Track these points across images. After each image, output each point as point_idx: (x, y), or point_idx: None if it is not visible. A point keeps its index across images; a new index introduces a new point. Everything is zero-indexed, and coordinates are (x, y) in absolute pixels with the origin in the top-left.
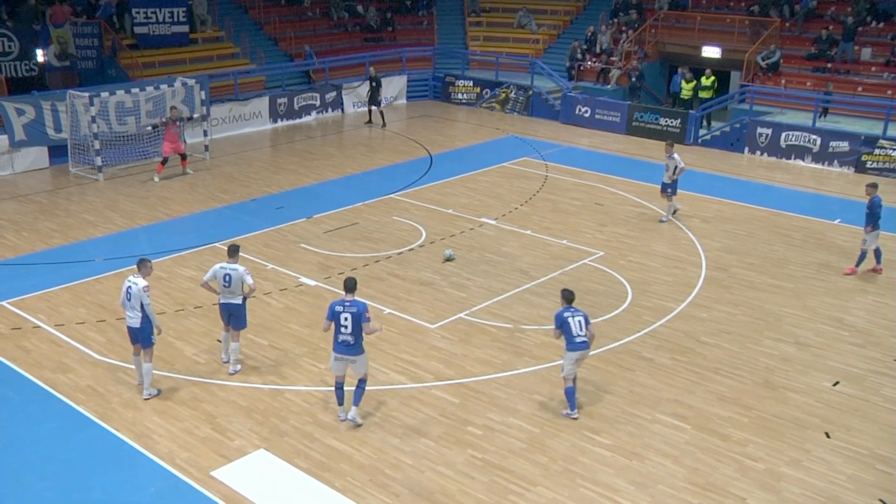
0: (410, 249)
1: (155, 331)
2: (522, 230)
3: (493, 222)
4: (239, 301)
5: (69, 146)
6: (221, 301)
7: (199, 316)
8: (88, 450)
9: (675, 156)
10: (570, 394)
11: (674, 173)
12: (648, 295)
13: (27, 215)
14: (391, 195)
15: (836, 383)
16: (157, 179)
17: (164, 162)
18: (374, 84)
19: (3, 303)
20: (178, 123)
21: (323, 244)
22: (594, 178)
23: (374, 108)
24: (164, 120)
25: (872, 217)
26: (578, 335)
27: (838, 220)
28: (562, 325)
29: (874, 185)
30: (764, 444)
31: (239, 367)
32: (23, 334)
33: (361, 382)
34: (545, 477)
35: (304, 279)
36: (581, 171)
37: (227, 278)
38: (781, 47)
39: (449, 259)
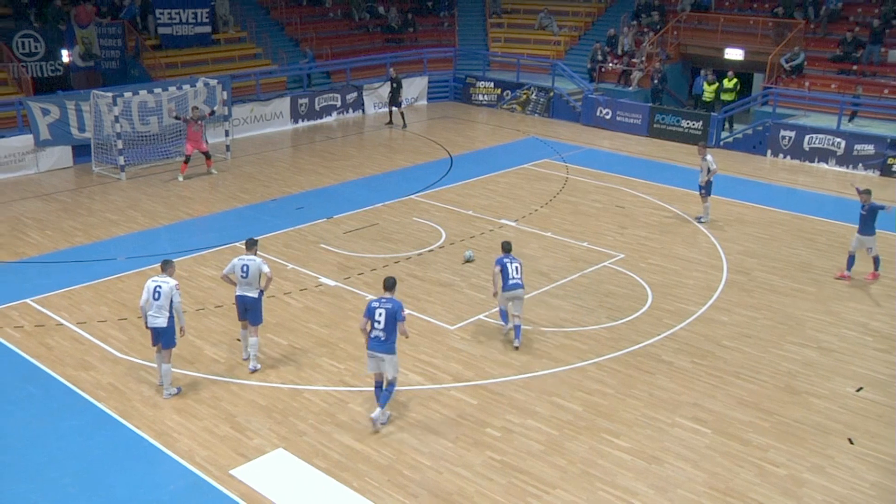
0: (430, 250)
1: (178, 331)
2: (543, 232)
3: (513, 224)
4: (255, 295)
5: (92, 145)
6: (238, 293)
7: (220, 315)
8: (110, 447)
9: (708, 157)
10: (502, 314)
11: (707, 174)
12: (669, 298)
13: (51, 214)
14: (411, 196)
15: (860, 389)
16: (181, 179)
17: (187, 160)
18: (394, 85)
19: (27, 300)
20: (199, 123)
21: (342, 245)
22: (615, 180)
23: (394, 108)
24: (186, 118)
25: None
26: (514, 278)
27: None
28: (502, 268)
29: (869, 192)
30: (785, 450)
31: (259, 365)
32: (46, 332)
33: (390, 385)
34: (563, 479)
35: (323, 279)
36: (602, 174)
37: (245, 269)
38: (805, 49)
39: (469, 260)
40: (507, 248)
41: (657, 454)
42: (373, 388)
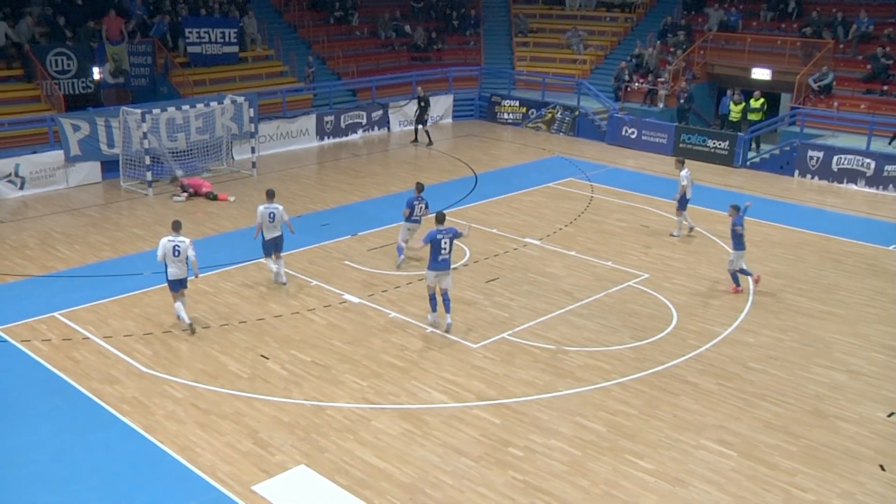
0: (454, 268)
1: (195, 277)
2: (566, 251)
3: (538, 242)
4: (280, 233)
5: (121, 161)
6: (267, 237)
7: (244, 331)
8: (133, 461)
9: (683, 172)
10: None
11: (681, 189)
12: (694, 318)
13: (79, 228)
14: (433, 214)
15: (892, 414)
16: (177, 199)
17: (184, 189)
18: (422, 104)
19: (55, 314)
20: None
21: (367, 261)
22: (640, 199)
23: (420, 126)
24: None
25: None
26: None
27: (893, 245)
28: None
29: (737, 207)
30: (814, 475)
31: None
32: (72, 345)
33: (447, 293)
34: (586, 501)
35: (347, 296)
36: (626, 193)
37: (272, 215)
38: (834, 69)
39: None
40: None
41: (681, 477)
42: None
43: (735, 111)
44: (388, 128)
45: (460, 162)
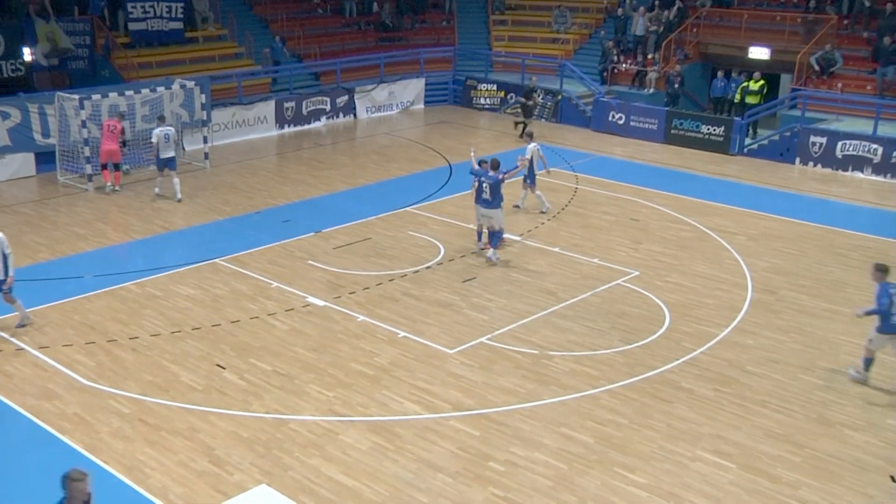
0: (427, 267)
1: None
2: (550, 247)
3: (518, 238)
4: (174, 154)
5: (57, 153)
6: (163, 156)
7: (198, 338)
8: None
9: (530, 146)
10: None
11: (525, 161)
12: (688, 319)
13: (11, 228)
14: (407, 208)
15: None
16: (114, 188)
17: (105, 168)
18: (529, 96)
19: None
20: (116, 127)
21: (332, 261)
22: (629, 190)
23: (526, 122)
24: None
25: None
26: (485, 196)
27: None
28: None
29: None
30: (819, 488)
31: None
32: (4, 357)
33: (499, 233)
34: None
35: (311, 299)
36: (614, 184)
37: (167, 137)
38: (838, 47)
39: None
40: (494, 165)
41: (676, 491)
42: None
43: (739, 92)
44: (355, 114)
45: (433, 151)
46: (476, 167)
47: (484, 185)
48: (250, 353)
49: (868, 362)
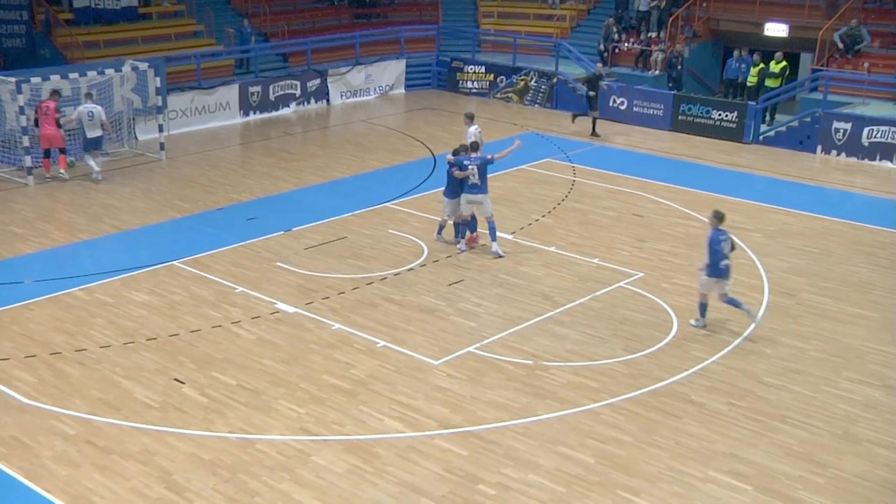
0: (409, 269)
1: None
2: (545, 246)
3: (510, 237)
4: (101, 133)
5: None
6: (89, 136)
7: (153, 350)
8: None
9: (471, 129)
10: (472, 223)
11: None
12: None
13: None
14: (386, 204)
15: None
16: (60, 173)
17: (47, 155)
18: (595, 85)
19: None
20: (50, 107)
21: (304, 263)
22: (632, 183)
23: (592, 114)
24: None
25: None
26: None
27: None
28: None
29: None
30: None
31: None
32: None
33: (491, 222)
34: None
35: (280, 305)
36: (615, 176)
37: (91, 114)
38: (865, 23)
39: None
40: (474, 147)
41: None
42: None
43: (752, 74)
44: (328, 100)
45: (415, 141)
46: (450, 158)
47: (470, 166)
48: (212, 366)
49: (703, 308)
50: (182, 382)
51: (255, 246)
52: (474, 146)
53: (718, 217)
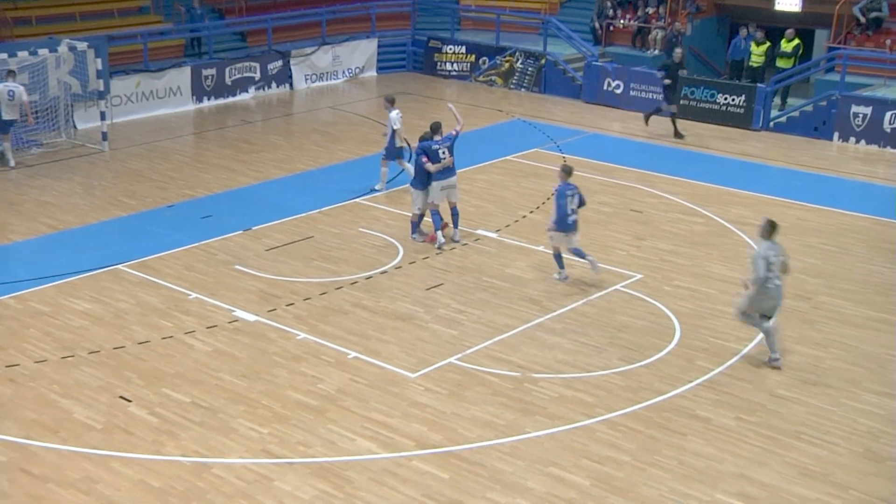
0: (383, 272)
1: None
2: (533, 246)
3: (494, 235)
4: (18, 116)
5: None
6: (6, 117)
7: (96, 364)
8: None
9: (393, 113)
10: (435, 217)
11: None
12: (703, 332)
13: None
14: (356, 199)
15: None
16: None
17: None
18: (675, 74)
19: None
20: None
21: (265, 266)
22: (629, 175)
23: (666, 109)
24: None
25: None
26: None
27: None
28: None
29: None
30: None
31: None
32: None
33: (455, 208)
34: None
35: (239, 313)
36: (611, 167)
37: (11, 94)
38: None
39: None
40: (436, 128)
41: None
42: None
43: (756, 54)
44: (291, 84)
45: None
46: (419, 144)
47: (441, 152)
48: (163, 382)
49: (558, 258)
50: (129, 400)
51: (211, 247)
52: (435, 127)
53: (566, 171)
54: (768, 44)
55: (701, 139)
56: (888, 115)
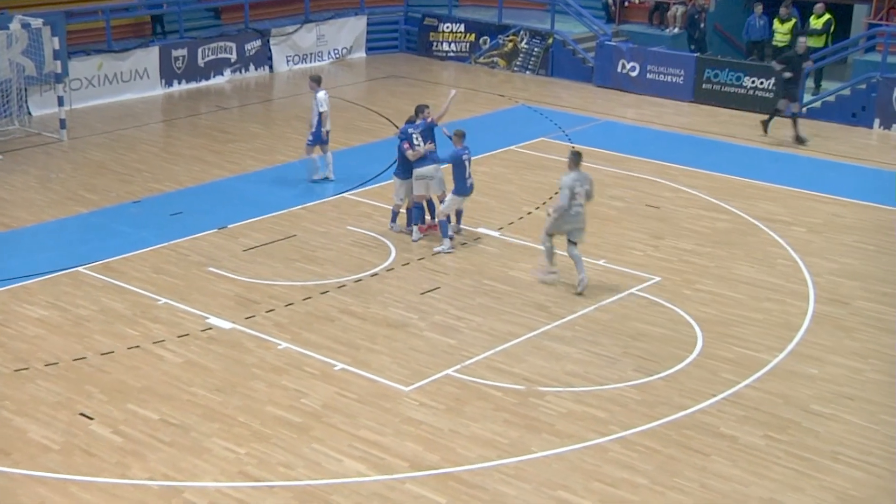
0: (373, 274)
1: None
2: (539, 245)
3: (496, 234)
4: None
5: None
6: None
7: (53, 378)
8: None
9: (319, 94)
10: (443, 227)
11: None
12: (728, 341)
13: None
14: (343, 194)
15: None
16: None
17: None
18: (795, 67)
19: None
20: None
21: (242, 268)
22: (645, 167)
23: (793, 110)
24: None
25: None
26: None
27: None
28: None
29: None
30: None
31: None
32: None
33: (444, 200)
34: None
35: (213, 320)
36: (625, 158)
37: None
38: None
39: None
40: (461, 134)
41: None
42: None
43: (781, 32)
44: (271, 66)
45: (378, 117)
46: (400, 128)
47: (415, 137)
48: (128, 397)
49: (444, 226)
50: (90, 418)
51: (182, 247)
52: (419, 110)
53: (459, 135)
54: (794, 20)
55: (725, 127)
56: None
